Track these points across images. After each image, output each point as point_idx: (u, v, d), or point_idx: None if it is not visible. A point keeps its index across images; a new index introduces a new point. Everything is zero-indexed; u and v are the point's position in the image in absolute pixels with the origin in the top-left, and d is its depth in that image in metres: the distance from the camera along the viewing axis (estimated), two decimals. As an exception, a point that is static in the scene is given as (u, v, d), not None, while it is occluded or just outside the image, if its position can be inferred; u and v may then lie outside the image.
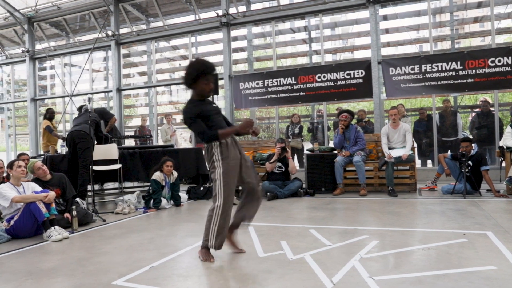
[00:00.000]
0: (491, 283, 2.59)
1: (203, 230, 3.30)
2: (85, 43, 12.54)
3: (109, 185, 8.75)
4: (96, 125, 6.50)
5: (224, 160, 3.20)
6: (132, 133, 11.28)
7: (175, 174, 6.29)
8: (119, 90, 11.89)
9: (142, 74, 13.01)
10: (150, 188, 6.05)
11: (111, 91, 12.04)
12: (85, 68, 12.04)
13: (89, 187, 6.18)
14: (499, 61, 8.03)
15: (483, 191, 6.37)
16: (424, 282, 2.66)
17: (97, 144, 6.69)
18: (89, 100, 6.00)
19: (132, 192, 6.62)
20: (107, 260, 3.41)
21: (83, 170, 6.10)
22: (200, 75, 3.22)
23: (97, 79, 13.29)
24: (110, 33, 11.63)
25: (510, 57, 7.95)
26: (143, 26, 12.34)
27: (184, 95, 12.85)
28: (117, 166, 6.51)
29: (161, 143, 10.62)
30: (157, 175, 6.08)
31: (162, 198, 6.11)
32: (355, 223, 4.61)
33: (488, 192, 6.33)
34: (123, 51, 12.30)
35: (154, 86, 11.92)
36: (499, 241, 3.56)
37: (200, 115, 3.22)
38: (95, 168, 6.20)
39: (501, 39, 9.08)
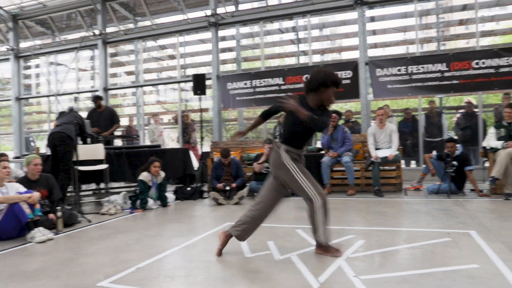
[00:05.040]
0: (474, 281, 2.64)
1: (190, 230, 3.28)
2: (72, 42, 12.40)
3: (95, 185, 8.65)
4: (80, 126, 6.34)
5: (291, 160, 3.27)
6: (119, 133, 11.19)
7: (162, 174, 6.25)
8: (106, 90, 11.78)
9: (129, 73, 12.92)
10: (137, 188, 6.01)
11: (97, 90, 11.91)
12: (71, 67, 11.90)
13: (75, 188, 6.10)
14: (483, 63, 8.16)
15: (467, 191, 6.47)
16: (409, 281, 2.69)
17: (82, 144, 6.61)
18: (76, 99, 5.92)
19: (119, 193, 6.57)
20: (93, 261, 3.38)
21: (62, 175, 5.92)
22: (329, 84, 3.18)
23: (83, 79, 13.15)
24: (97, 32, 11.52)
25: (494, 59, 8.09)
26: (131, 25, 12.25)
27: (172, 94, 12.80)
28: (104, 166, 6.45)
29: (148, 143, 10.55)
30: (144, 175, 6.04)
31: (149, 199, 6.07)
32: (342, 223, 4.63)
33: (472, 192, 6.44)
34: (110, 50, 12.19)
35: (142, 86, 11.85)
36: (482, 240, 3.62)
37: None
38: (81, 168, 6.12)
39: (486, 42, 9.23)
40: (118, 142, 10.51)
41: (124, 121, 12.34)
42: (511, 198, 5.79)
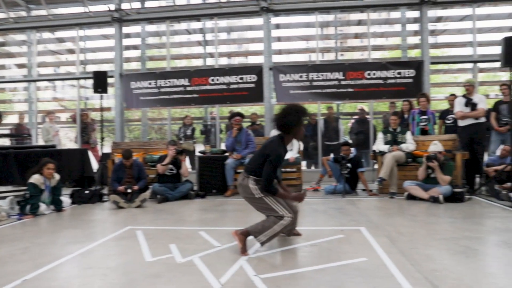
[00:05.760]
0: (361, 273, 2.89)
1: (87, 236, 3.10)
2: None
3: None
4: None
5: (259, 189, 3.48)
6: (7, 132, 10.13)
7: (57, 176, 5.81)
8: (-9, 83, 10.59)
9: (20, 66, 11.74)
10: (27, 192, 5.49)
11: (-20, 83, 10.67)
12: None
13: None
14: (374, 74, 8.97)
15: (359, 191, 7.05)
16: (306, 277, 2.85)
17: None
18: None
19: (4, 198, 5.94)
20: (-30, 275, 3.02)
21: None
22: (303, 120, 3.47)
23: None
24: (-20, 17, 10.32)
25: (382, 72, 8.94)
26: (23, 13, 11.16)
27: (71, 91, 11.93)
28: (-14, 168, 5.80)
29: (41, 143, 9.73)
30: (35, 178, 5.54)
31: (41, 203, 5.59)
32: (245, 224, 4.67)
33: (363, 192, 7.02)
34: (-3, 39, 11.00)
35: (35, 81, 10.87)
36: (370, 235, 3.98)
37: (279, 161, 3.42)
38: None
39: (377, 55, 10.14)
40: (5, 142, 9.55)
41: (13, 119, 11.25)
42: (395, 196, 6.42)
